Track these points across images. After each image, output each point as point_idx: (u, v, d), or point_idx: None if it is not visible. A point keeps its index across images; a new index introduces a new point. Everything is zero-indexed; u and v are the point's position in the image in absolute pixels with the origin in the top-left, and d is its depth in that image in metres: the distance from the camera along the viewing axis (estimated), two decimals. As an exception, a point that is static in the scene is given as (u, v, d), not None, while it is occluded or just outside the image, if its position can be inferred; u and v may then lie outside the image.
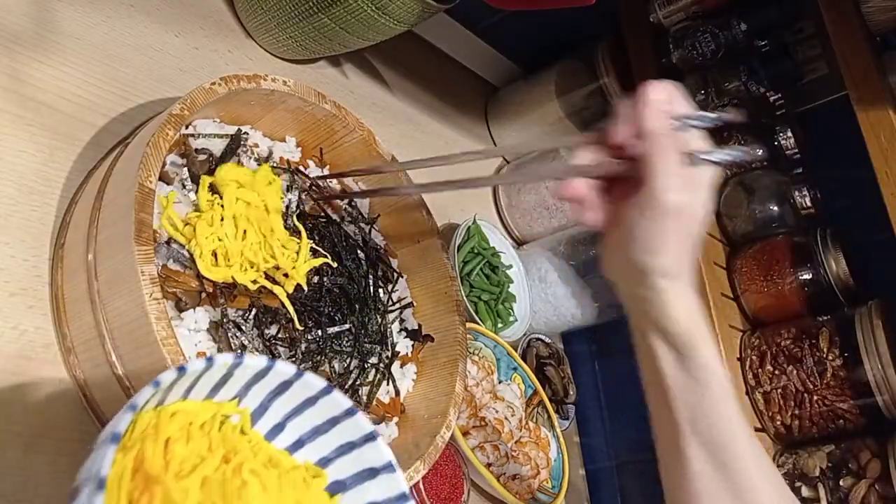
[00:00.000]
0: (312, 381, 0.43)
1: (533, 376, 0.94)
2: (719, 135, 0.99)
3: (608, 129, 0.44)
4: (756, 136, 0.97)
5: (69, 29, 0.62)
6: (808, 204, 0.92)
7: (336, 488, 0.45)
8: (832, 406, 0.80)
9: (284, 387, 0.43)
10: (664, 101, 0.43)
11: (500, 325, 0.94)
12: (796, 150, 0.95)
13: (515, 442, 0.85)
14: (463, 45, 1.13)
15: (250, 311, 0.56)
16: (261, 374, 0.42)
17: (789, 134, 0.95)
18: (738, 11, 0.96)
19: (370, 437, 0.44)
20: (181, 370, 0.37)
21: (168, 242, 0.53)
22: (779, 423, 0.83)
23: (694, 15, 1.00)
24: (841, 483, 0.76)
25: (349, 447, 0.45)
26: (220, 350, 0.53)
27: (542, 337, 1.03)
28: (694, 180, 0.43)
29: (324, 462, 0.45)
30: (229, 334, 0.54)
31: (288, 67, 0.83)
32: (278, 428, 0.45)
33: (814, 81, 0.98)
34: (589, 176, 0.46)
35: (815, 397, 0.81)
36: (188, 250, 0.54)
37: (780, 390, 0.83)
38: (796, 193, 0.92)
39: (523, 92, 1.15)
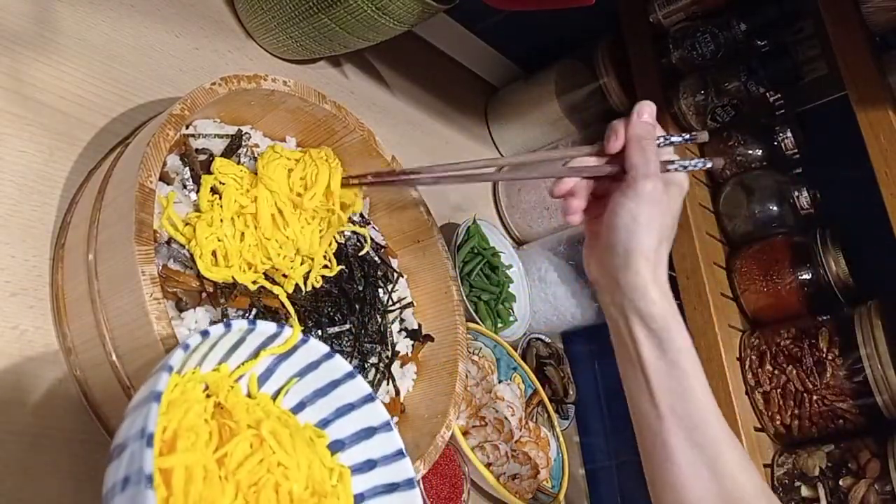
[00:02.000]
0: (317, 346, 0.46)
1: (533, 376, 0.94)
2: (722, 139, 0.99)
3: (605, 140, 0.53)
4: (756, 136, 0.97)
5: (69, 29, 0.62)
6: (808, 204, 0.92)
7: (335, 447, 0.48)
8: (832, 406, 0.80)
9: (290, 352, 0.46)
10: (650, 119, 0.53)
11: (500, 325, 0.94)
12: (796, 150, 0.95)
13: (515, 442, 0.85)
14: (463, 45, 1.13)
15: (250, 311, 0.56)
16: (270, 339, 0.45)
17: (789, 134, 0.95)
18: (737, 11, 0.96)
19: (369, 399, 0.48)
20: (205, 334, 0.40)
21: (168, 242, 0.53)
22: (778, 422, 0.83)
23: (694, 15, 1.00)
24: (840, 483, 0.76)
25: (348, 408, 0.48)
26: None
27: (542, 337, 1.03)
28: (669, 179, 0.52)
29: (323, 423, 0.48)
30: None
31: (288, 67, 0.83)
32: (282, 391, 0.47)
33: (814, 81, 0.98)
34: (581, 175, 0.54)
35: (815, 397, 0.81)
36: (188, 250, 0.54)
37: (779, 390, 0.83)
38: (796, 193, 0.92)
39: (523, 92, 1.15)
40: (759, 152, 0.97)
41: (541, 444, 0.88)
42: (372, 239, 0.70)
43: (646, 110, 0.53)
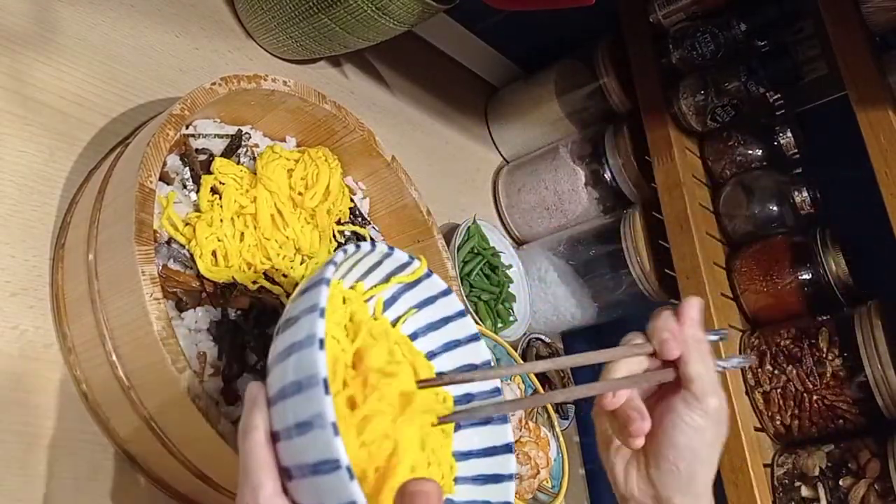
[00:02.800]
0: (437, 282, 0.49)
1: (533, 376, 0.94)
2: (722, 139, 0.99)
3: (656, 341, 0.47)
4: (756, 136, 0.97)
5: (69, 29, 0.62)
6: (808, 204, 0.91)
7: None
8: (832, 406, 0.80)
9: (415, 283, 0.49)
10: (698, 316, 0.48)
11: (500, 325, 0.94)
12: (796, 150, 0.95)
13: (515, 442, 0.85)
14: (463, 45, 1.13)
15: (251, 310, 0.56)
16: (401, 268, 0.48)
17: (789, 134, 0.95)
18: (737, 11, 0.96)
19: (474, 338, 0.50)
20: (357, 248, 0.43)
21: (168, 242, 0.53)
22: (778, 422, 0.83)
23: (694, 15, 1.00)
24: (840, 483, 0.76)
25: (454, 344, 0.50)
26: (220, 350, 0.53)
27: (542, 337, 1.03)
28: (719, 387, 0.46)
29: (431, 355, 0.50)
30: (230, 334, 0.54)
31: (288, 67, 0.83)
32: (401, 319, 0.50)
33: (814, 81, 0.98)
34: (641, 385, 0.47)
35: (815, 397, 0.81)
36: (188, 250, 0.54)
37: (779, 390, 0.83)
38: (796, 193, 0.92)
39: (523, 92, 1.15)
40: (759, 152, 0.97)
41: (541, 444, 0.88)
42: (372, 239, 0.70)
43: (696, 308, 0.48)
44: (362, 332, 0.44)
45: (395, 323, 0.50)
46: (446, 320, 0.50)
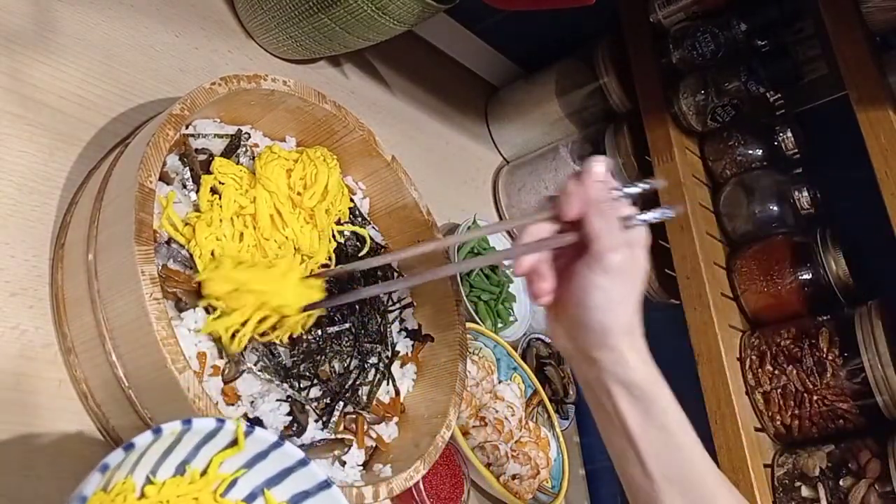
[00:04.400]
0: (263, 436, 0.43)
1: (533, 376, 0.94)
2: (722, 139, 0.99)
3: (559, 203, 0.48)
4: (756, 136, 0.97)
5: (69, 29, 0.62)
6: (808, 204, 0.91)
7: None
8: (832, 406, 0.80)
9: (233, 444, 0.43)
10: (603, 174, 0.48)
11: (500, 325, 0.94)
12: (796, 150, 0.95)
13: (515, 442, 0.85)
14: (463, 45, 1.13)
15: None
16: (210, 436, 0.42)
17: (789, 134, 0.95)
18: (738, 11, 0.96)
19: (324, 486, 0.45)
20: (157, 431, 0.37)
21: (168, 242, 0.53)
22: (779, 422, 0.83)
23: (694, 15, 1.00)
24: (841, 483, 0.76)
25: (303, 496, 0.45)
26: (220, 350, 0.53)
27: (542, 337, 1.03)
28: (632, 241, 0.47)
29: None
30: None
31: (288, 67, 0.83)
32: (232, 485, 0.45)
33: (814, 81, 0.98)
34: (540, 249, 0.49)
35: (815, 397, 0.81)
36: (188, 250, 0.54)
37: (779, 390, 0.83)
38: (796, 193, 0.92)
39: (523, 92, 1.15)
40: (759, 152, 0.97)
41: (541, 444, 0.88)
42: (372, 239, 0.70)
43: (597, 167, 0.48)
44: None
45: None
46: (287, 472, 0.45)
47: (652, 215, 0.49)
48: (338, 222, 0.67)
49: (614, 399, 0.48)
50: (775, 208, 0.94)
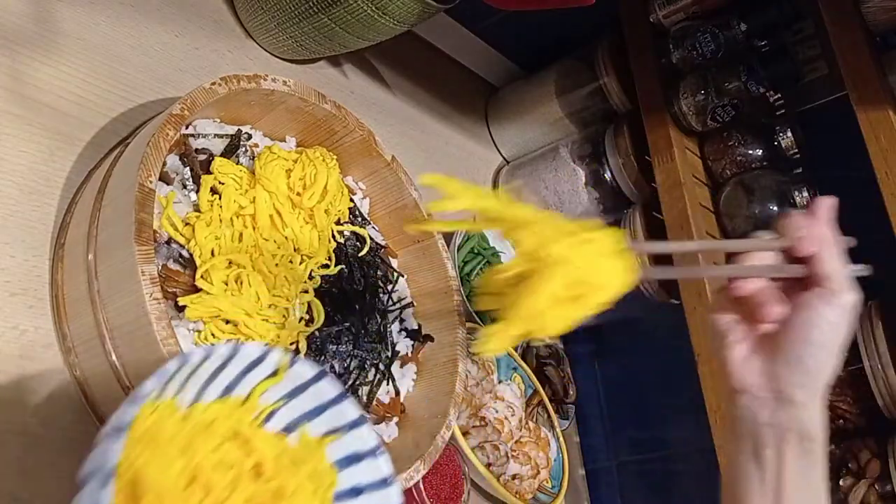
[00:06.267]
0: (303, 371, 0.44)
1: (533, 376, 0.94)
2: (722, 139, 0.99)
3: (792, 234, 0.47)
4: (756, 136, 0.97)
5: (69, 29, 0.62)
6: (808, 204, 0.91)
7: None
8: (832, 406, 0.80)
9: (275, 375, 0.44)
10: (831, 215, 0.48)
11: (500, 325, 0.94)
12: (796, 150, 0.95)
13: (515, 442, 0.85)
14: (463, 45, 1.13)
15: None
16: (255, 363, 0.43)
17: (789, 134, 0.94)
18: (738, 11, 0.96)
19: (356, 423, 0.45)
20: (184, 359, 0.38)
21: (168, 242, 0.53)
22: (779, 422, 0.83)
23: (694, 15, 1.00)
24: (841, 483, 0.76)
25: (334, 432, 0.46)
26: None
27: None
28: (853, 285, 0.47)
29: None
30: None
31: (288, 67, 0.83)
32: (270, 416, 0.45)
33: (814, 81, 0.98)
34: (769, 275, 0.48)
35: (815, 397, 0.81)
36: (188, 250, 0.54)
37: (779, 390, 0.83)
38: (796, 193, 0.92)
39: (523, 92, 1.15)
40: (759, 152, 0.97)
41: (541, 444, 0.88)
42: (372, 239, 0.70)
43: (830, 208, 0.49)
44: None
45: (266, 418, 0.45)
46: (321, 409, 0.45)
47: (855, 268, 0.49)
48: (338, 222, 0.67)
49: (783, 448, 0.46)
50: (775, 208, 0.94)
